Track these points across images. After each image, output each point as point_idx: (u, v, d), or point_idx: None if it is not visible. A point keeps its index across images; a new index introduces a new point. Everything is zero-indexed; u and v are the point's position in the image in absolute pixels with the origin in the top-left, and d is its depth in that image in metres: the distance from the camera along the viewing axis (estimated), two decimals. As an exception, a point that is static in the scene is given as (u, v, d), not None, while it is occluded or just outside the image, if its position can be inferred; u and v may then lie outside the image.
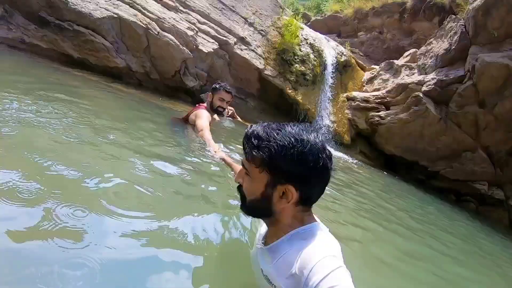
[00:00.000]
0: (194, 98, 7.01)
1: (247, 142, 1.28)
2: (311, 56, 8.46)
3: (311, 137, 1.21)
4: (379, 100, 8.48)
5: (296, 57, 8.19)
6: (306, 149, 1.18)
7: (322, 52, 8.69)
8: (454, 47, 7.36)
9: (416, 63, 8.48)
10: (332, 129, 8.49)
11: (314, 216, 1.35)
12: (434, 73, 7.67)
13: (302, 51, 8.36)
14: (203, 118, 3.84)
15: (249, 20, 8.01)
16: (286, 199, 1.25)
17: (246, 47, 7.64)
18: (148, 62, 6.71)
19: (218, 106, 4.04)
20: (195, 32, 6.93)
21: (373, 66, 9.93)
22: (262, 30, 8.14)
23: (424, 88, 7.60)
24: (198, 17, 7.24)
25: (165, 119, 4.60)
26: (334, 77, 8.82)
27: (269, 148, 1.20)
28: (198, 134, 3.70)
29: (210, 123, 3.89)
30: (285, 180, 1.22)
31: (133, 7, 6.41)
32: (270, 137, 1.21)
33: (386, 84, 8.66)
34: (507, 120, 6.91)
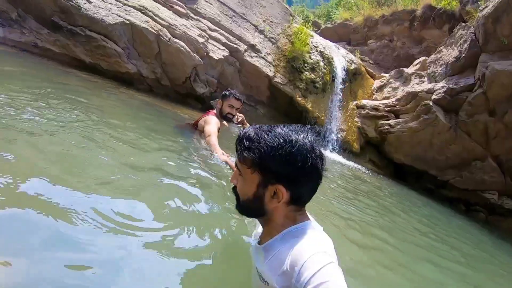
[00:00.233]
0: (204, 104, 7.05)
1: (239, 144, 1.33)
2: (321, 64, 8.48)
3: (300, 137, 1.25)
4: (389, 108, 8.46)
5: (306, 64, 8.22)
6: (294, 149, 1.22)
7: (332, 60, 8.72)
8: (464, 55, 7.33)
9: (426, 71, 8.45)
10: (341, 137, 8.49)
11: (308, 215, 1.38)
12: (444, 81, 7.64)
13: (312, 59, 8.39)
14: (212, 124, 3.87)
15: (259, 27, 8.08)
16: (277, 199, 1.28)
17: (256, 55, 7.69)
18: (159, 68, 6.77)
19: (228, 113, 4.07)
20: (206, 39, 7.00)
21: (383, 74, 9.93)
22: (272, 38, 8.20)
23: (434, 96, 7.58)
24: (209, 24, 7.32)
25: (172, 125, 4.64)
26: (344, 85, 8.83)
27: (259, 149, 1.25)
28: (205, 139, 3.74)
29: (219, 130, 3.92)
30: (275, 180, 1.26)
31: (144, 14, 6.50)
32: (260, 138, 1.26)
33: (396, 92, 8.64)
34: (517, 128, 6.83)
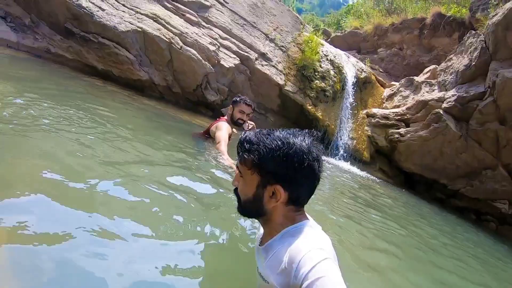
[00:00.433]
0: (214, 112, 7.10)
1: (240, 147, 1.40)
2: (331, 72, 8.52)
3: (297, 140, 1.32)
4: (399, 117, 8.44)
5: (316, 73, 8.26)
6: (291, 150, 1.29)
7: (342, 68, 8.75)
8: (474, 63, 7.30)
9: (436, 80, 8.43)
10: (351, 145, 8.49)
11: (307, 215, 1.42)
12: (454, 89, 7.61)
13: (322, 68, 8.43)
14: (223, 130, 3.93)
15: (270, 36, 8.15)
16: (275, 199, 1.34)
17: (267, 63, 7.75)
18: (170, 76, 6.86)
19: (238, 119, 4.13)
20: (217, 47, 7.08)
21: (393, 83, 9.93)
22: (283, 46, 8.26)
23: (444, 105, 7.54)
24: (220, 32, 7.41)
25: (184, 132, 4.69)
26: (354, 93, 8.84)
27: (258, 151, 1.32)
28: (215, 145, 3.79)
29: (230, 136, 3.98)
30: (273, 180, 1.32)
31: (157, 22, 6.62)
32: (260, 141, 1.33)
33: (406, 100, 8.62)
34: (528, 137, 6.76)
